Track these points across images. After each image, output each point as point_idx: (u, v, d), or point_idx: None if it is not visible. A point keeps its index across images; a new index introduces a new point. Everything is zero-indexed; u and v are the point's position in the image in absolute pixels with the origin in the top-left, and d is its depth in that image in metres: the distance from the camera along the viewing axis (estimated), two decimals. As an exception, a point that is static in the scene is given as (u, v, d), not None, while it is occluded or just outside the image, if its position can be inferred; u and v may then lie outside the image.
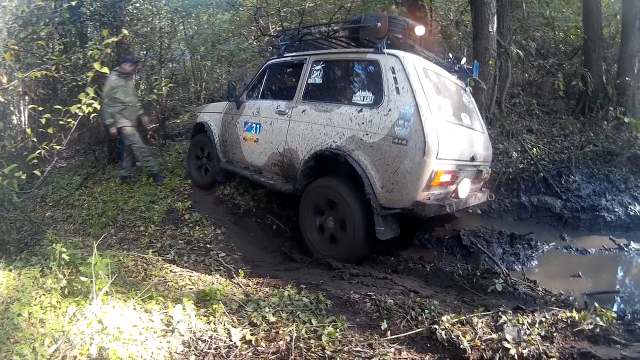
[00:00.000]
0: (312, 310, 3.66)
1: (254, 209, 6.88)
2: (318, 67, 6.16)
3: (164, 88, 8.69)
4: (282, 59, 7.00)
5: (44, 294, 3.46)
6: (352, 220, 5.30)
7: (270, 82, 7.76)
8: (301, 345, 3.12)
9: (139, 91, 10.88)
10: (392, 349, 3.16)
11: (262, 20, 12.72)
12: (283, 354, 3.07)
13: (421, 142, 4.77)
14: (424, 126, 4.81)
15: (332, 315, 3.58)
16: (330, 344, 3.15)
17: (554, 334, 3.35)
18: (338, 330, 3.32)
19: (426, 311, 3.69)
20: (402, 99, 5.02)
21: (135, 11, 11.95)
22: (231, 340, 3.19)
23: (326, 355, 3.04)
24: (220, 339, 3.20)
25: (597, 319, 3.48)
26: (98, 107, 4.82)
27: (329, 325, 3.37)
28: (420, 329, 3.43)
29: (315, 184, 5.82)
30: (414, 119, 4.87)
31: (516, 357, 3.07)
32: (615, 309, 4.56)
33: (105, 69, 4.83)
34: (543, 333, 3.35)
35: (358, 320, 3.60)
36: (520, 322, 3.48)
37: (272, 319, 3.44)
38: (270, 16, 12.73)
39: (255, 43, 12.74)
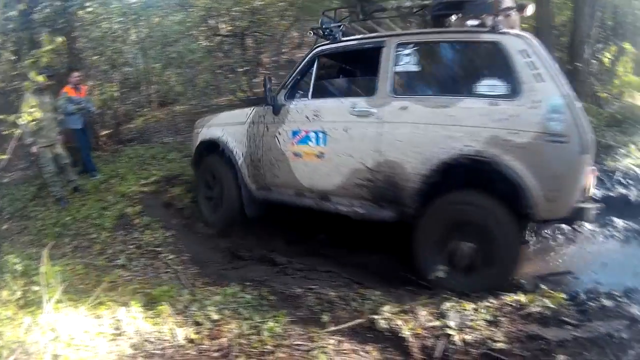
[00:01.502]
0: (255, 306, 3.73)
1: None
2: (408, 52, 4.99)
3: (108, 93, 8.54)
4: (340, 45, 5.51)
5: (0, 307, 3.45)
6: (504, 242, 4.31)
7: (326, 74, 6.34)
8: (243, 341, 3.18)
9: (92, 97, 10.83)
10: (333, 341, 3.21)
11: (213, 20, 12.73)
12: (225, 350, 3.12)
13: (578, 136, 4.12)
14: (578, 118, 4.17)
15: (274, 311, 3.65)
16: (271, 338, 3.21)
17: (500, 319, 3.37)
18: (279, 324, 3.37)
19: (367, 302, 3.75)
20: (547, 87, 4.22)
21: (87, 15, 11.87)
22: (176, 340, 3.22)
23: (267, 350, 3.10)
24: (166, 340, 3.23)
25: (546, 301, 3.52)
26: (40, 115, 4.79)
27: (270, 321, 3.43)
28: (361, 320, 3.48)
29: (447, 200, 4.57)
30: (566, 111, 4.15)
31: (460, 343, 3.10)
32: (567, 290, 4.33)
33: (40, 77, 4.78)
34: (489, 318, 3.37)
35: (300, 314, 3.68)
36: (465, 307, 3.51)
37: (216, 317, 3.49)
38: (221, 16, 12.73)
39: (204, 43, 12.75)
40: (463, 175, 4.41)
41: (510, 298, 3.66)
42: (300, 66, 5.72)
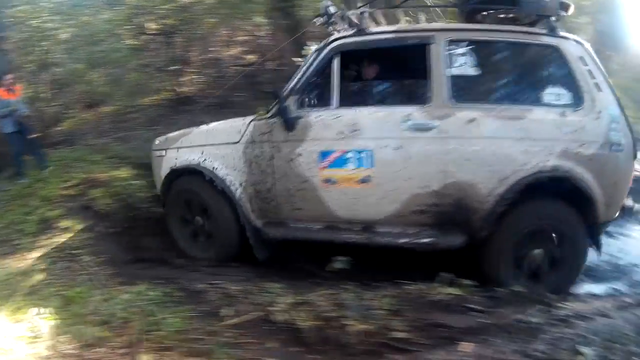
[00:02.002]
0: (159, 303, 3.84)
1: (123, 211, 6.64)
2: (462, 51, 4.37)
3: (30, 94, 8.45)
4: (369, 38, 4.62)
5: None
6: (577, 247, 4.33)
7: (351, 76, 5.57)
8: (145, 337, 3.32)
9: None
10: (231, 334, 3.37)
11: (141, 17, 12.66)
12: (129, 347, 3.26)
13: (631, 144, 4.23)
14: (629, 125, 4.25)
15: (178, 307, 3.79)
16: (171, 334, 3.36)
17: (401, 307, 3.46)
18: (180, 320, 3.52)
19: (267, 294, 3.87)
20: (606, 97, 4.20)
21: (18, 14, 11.75)
22: (87, 339, 3.36)
23: (166, 344, 3.25)
24: (78, 339, 3.36)
25: (450, 289, 3.63)
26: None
27: (171, 316, 3.58)
28: (259, 313, 3.64)
29: (524, 211, 4.28)
30: (621, 120, 4.20)
31: (357, 332, 3.19)
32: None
33: None
34: (389, 307, 3.44)
35: (202, 309, 3.81)
36: (364, 297, 3.60)
37: (123, 314, 3.61)
38: (148, 14, 12.71)
39: (130, 42, 12.70)
40: (536, 190, 4.20)
41: (412, 287, 3.74)
42: (314, 65, 4.69)
